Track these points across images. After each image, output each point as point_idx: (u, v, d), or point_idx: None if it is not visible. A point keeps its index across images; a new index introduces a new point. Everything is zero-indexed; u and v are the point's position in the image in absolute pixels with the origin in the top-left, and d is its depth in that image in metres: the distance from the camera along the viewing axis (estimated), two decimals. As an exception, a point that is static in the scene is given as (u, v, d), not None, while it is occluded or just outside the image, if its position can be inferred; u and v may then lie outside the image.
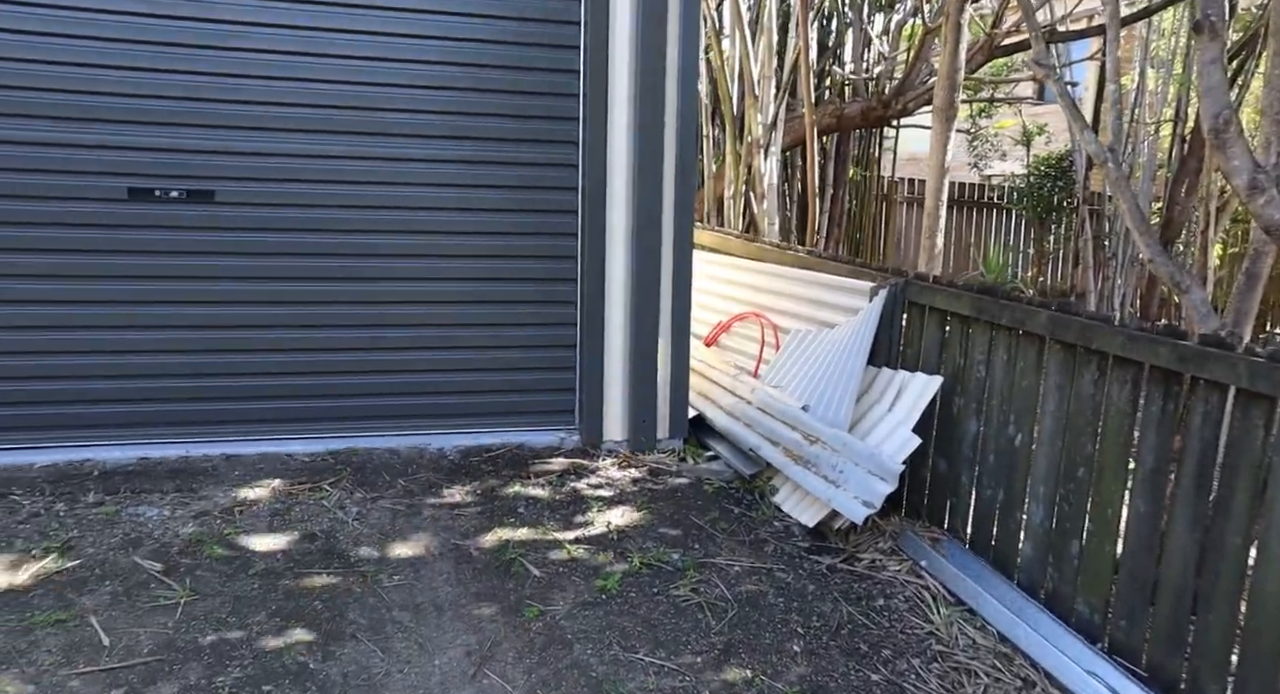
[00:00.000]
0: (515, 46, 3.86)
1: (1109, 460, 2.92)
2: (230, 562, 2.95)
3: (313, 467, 3.71)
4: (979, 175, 13.06)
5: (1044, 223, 11.35)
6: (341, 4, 3.65)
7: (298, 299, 3.82)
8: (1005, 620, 3.04)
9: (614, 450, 4.12)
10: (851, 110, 8.67)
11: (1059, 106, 5.31)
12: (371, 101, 3.76)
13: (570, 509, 3.55)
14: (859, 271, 4.24)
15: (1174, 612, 2.69)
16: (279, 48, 3.62)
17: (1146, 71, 9.69)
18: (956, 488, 3.59)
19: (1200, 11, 3.46)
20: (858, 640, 2.88)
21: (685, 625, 2.85)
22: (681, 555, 3.26)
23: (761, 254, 5.29)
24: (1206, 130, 3.46)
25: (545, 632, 2.76)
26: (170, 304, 3.68)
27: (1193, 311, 3.74)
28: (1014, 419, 3.32)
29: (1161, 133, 9.87)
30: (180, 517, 3.20)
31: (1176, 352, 2.67)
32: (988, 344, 3.44)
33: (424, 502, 3.52)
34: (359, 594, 2.86)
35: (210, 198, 3.64)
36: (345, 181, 3.79)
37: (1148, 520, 2.80)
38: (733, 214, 7.69)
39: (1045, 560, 3.14)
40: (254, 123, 3.65)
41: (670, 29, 3.90)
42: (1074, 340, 3.03)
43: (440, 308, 3.99)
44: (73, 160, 3.49)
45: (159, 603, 2.68)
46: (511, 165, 3.96)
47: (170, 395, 3.73)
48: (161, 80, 3.52)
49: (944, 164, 5.70)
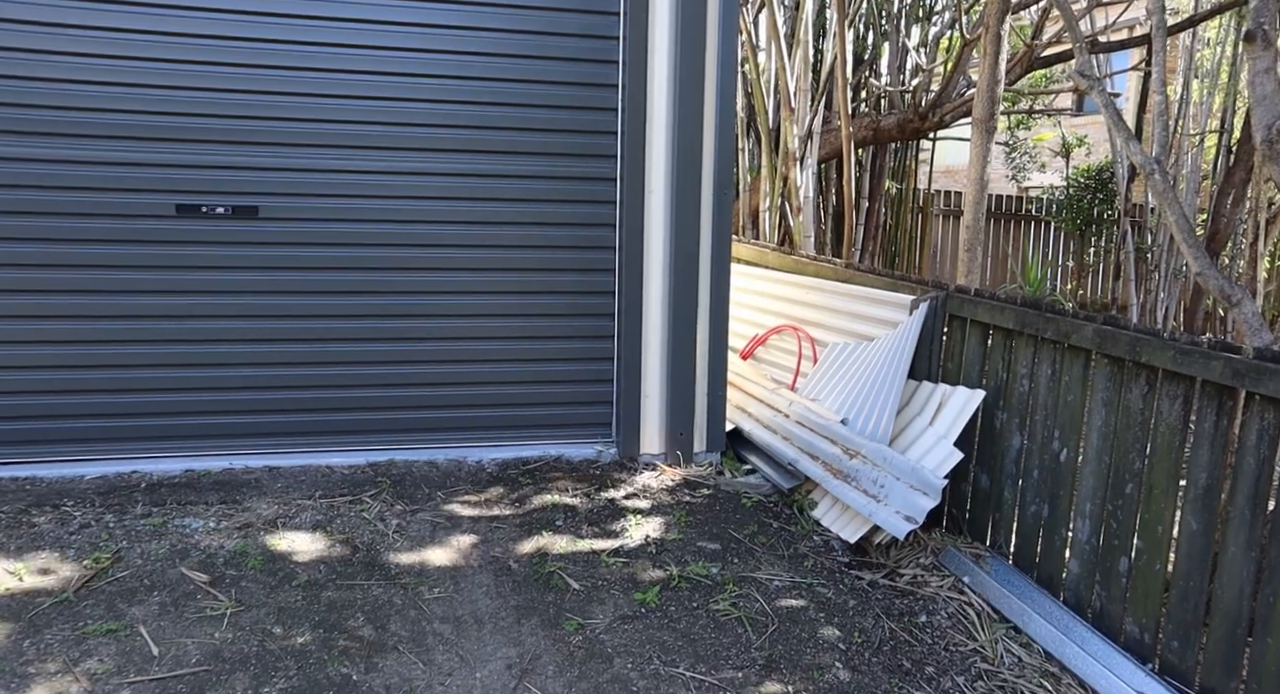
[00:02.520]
0: (553, 61, 3.90)
1: (1159, 477, 2.86)
2: (274, 573, 2.99)
3: (353, 479, 3.76)
4: (1017, 187, 12.91)
5: (1083, 235, 11.18)
6: (384, 22, 3.72)
7: (339, 313, 3.88)
8: (1052, 638, 2.97)
9: (651, 463, 4.12)
10: (888, 123, 8.62)
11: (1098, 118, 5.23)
12: (407, 117, 3.81)
13: (608, 522, 3.55)
14: (899, 284, 4.21)
15: (1229, 633, 2.62)
16: (318, 65, 3.69)
17: (1191, 82, 9.54)
18: (999, 503, 3.53)
19: (1252, 20, 3.39)
20: (900, 657, 2.84)
21: (725, 640, 2.83)
22: (720, 569, 3.25)
23: (798, 267, 5.27)
24: (1259, 141, 3.39)
25: (585, 645, 2.75)
26: (215, 318, 3.75)
27: (1243, 325, 3.64)
28: (1059, 434, 3.26)
29: (1206, 144, 9.69)
30: (225, 528, 3.25)
31: (1230, 366, 2.61)
32: (1031, 358, 3.39)
33: (463, 514, 3.54)
34: (400, 606, 2.88)
35: (255, 213, 3.72)
36: (386, 196, 3.85)
37: (1200, 539, 2.73)
38: (768, 226, 7.67)
39: (1092, 578, 3.07)
40: (297, 139, 3.72)
41: (709, 52, 3.92)
42: (1122, 354, 2.98)
43: (479, 321, 4.03)
44: (122, 178, 3.59)
45: (205, 614, 2.73)
46: (551, 179, 3.99)
47: (215, 408, 3.80)
48: (207, 99, 3.61)
49: (983, 177, 5.64)
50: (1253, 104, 3.38)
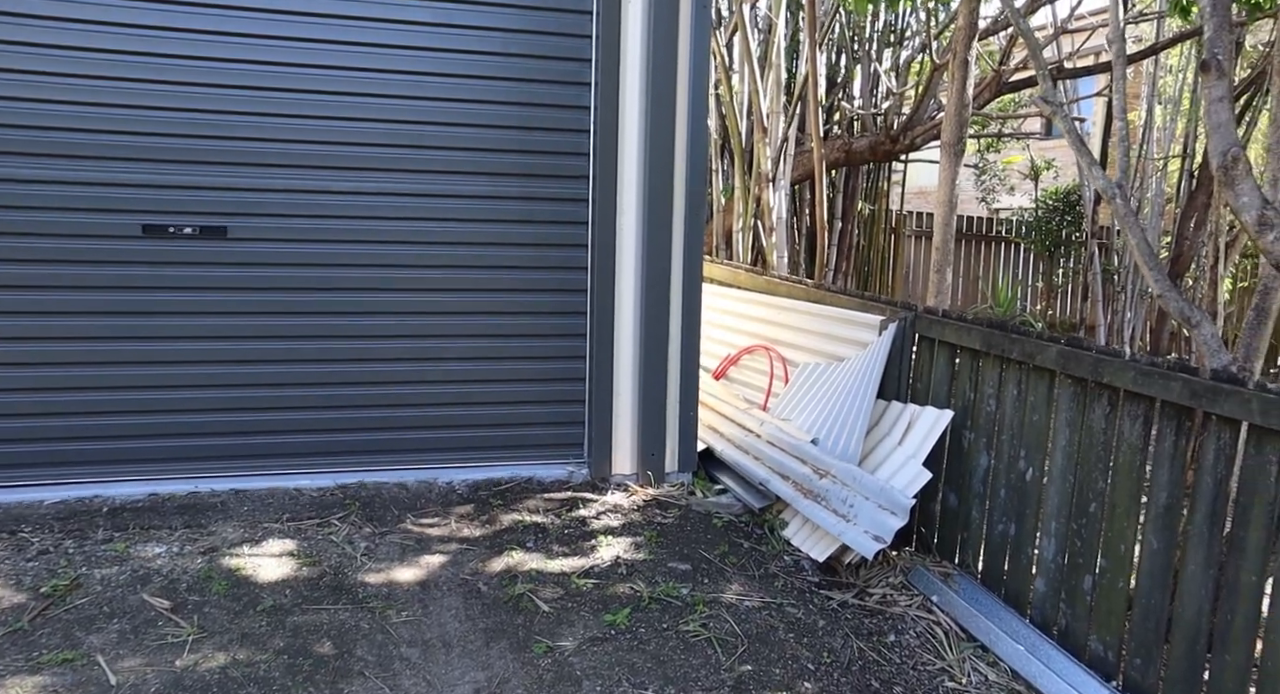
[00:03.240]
0: (525, 82, 3.93)
1: (1121, 496, 2.90)
2: (238, 598, 2.94)
3: (321, 501, 3.72)
4: (987, 210, 13.12)
5: (1052, 256, 11.38)
6: (351, 43, 3.73)
7: (309, 333, 3.85)
8: (1018, 657, 3.00)
9: (623, 484, 4.11)
10: (860, 145, 8.75)
11: (1066, 142, 5.36)
12: (376, 138, 3.81)
13: (579, 543, 3.53)
14: (868, 305, 4.26)
15: (1189, 650, 2.65)
16: (287, 86, 3.68)
17: (1154, 108, 9.77)
18: (968, 522, 3.56)
19: (1207, 50, 3.49)
20: (869, 677, 2.84)
21: (695, 661, 2.82)
22: (691, 590, 3.24)
23: (770, 287, 5.31)
24: (1215, 167, 3.47)
25: (554, 668, 2.73)
26: (182, 339, 3.71)
27: (1203, 346, 3.72)
28: (1025, 453, 3.30)
29: (1169, 168, 9.91)
30: (189, 553, 3.20)
31: (1189, 387, 2.66)
32: (998, 378, 3.44)
33: (432, 536, 3.51)
34: (367, 630, 2.85)
35: (223, 234, 3.69)
36: (355, 216, 3.84)
37: (1161, 557, 2.77)
38: (741, 247, 7.73)
39: (1058, 596, 3.10)
40: (265, 159, 3.71)
41: (681, 74, 3.97)
42: (1085, 375, 3.03)
43: (450, 341, 4.01)
44: (87, 198, 3.55)
45: (167, 641, 2.68)
46: (521, 199, 4.00)
47: (180, 431, 3.75)
48: (174, 118, 3.58)
49: (952, 199, 5.72)
50: (1209, 131, 3.47)
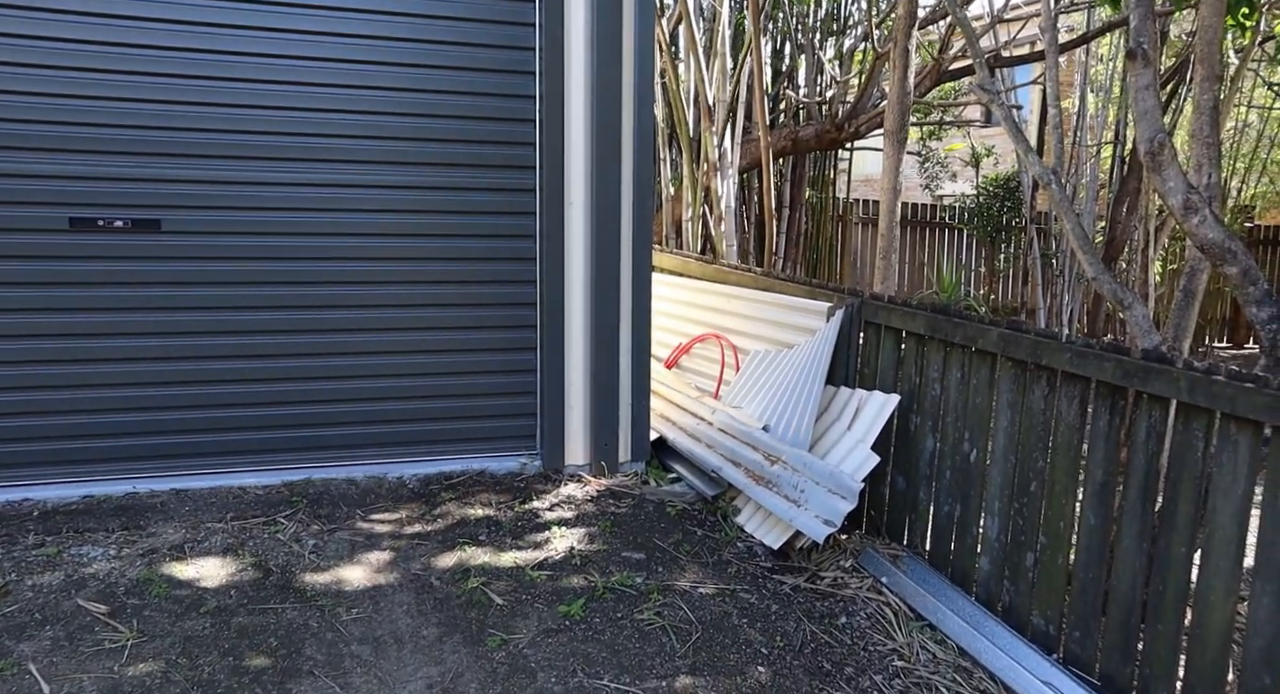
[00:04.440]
0: (469, 72, 3.87)
1: (1059, 474, 2.99)
2: (180, 601, 2.87)
3: (267, 499, 3.64)
4: (931, 196, 13.36)
5: (994, 242, 11.64)
6: (290, 30, 3.63)
7: (249, 329, 3.75)
8: (965, 634, 3.07)
9: (576, 475, 4.10)
10: (806, 133, 8.82)
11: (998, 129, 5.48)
12: (320, 128, 3.73)
13: (532, 535, 3.52)
14: (816, 292, 4.30)
15: (1124, 622, 2.75)
16: (223, 74, 3.58)
17: (1087, 96, 10.04)
18: (915, 504, 3.64)
19: (1133, 39, 3.59)
20: (821, 659, 2.89)
21: (650, 649, 2.83)
22: (645, 579, 3.25)
23: (720, 275, 5.34)
24: (1142, 154, 3.58)
25: (508, 661, 2.72)
26: (115, 336, 3.59)
27: (1135, 327, 3.84)
28: (969, 435, 3.38)
29: (1103, 154, 10.21)
30: (127, 556, 3.10)
31: (1121, 367, 2.75)
32: (942, 362, 3.51)
33: (383, 532, 3.46)
34: (316, 629, 2.80)
35: (156, 227, 3.58)
36: (295, 209, 3.75)
37: (1098, 533, 2.87)
38: (691, 236, 7.75)
39: (1002, 574, 3.19)
40: (200, 150, 3.60)
41: (626, 63, 3.95)
42: (1024, 357, 3.11)
43: (396, 335, 3.95)
44: (11, 190, 3.41)
45: (104, 646, 2.60)
46: (467, 190, 3.95)
47: (115, 430, 3.63)
48: (103, 107, 3.46)
49: (896, 186, 5.81)
50: (1136, 118, 3.57)
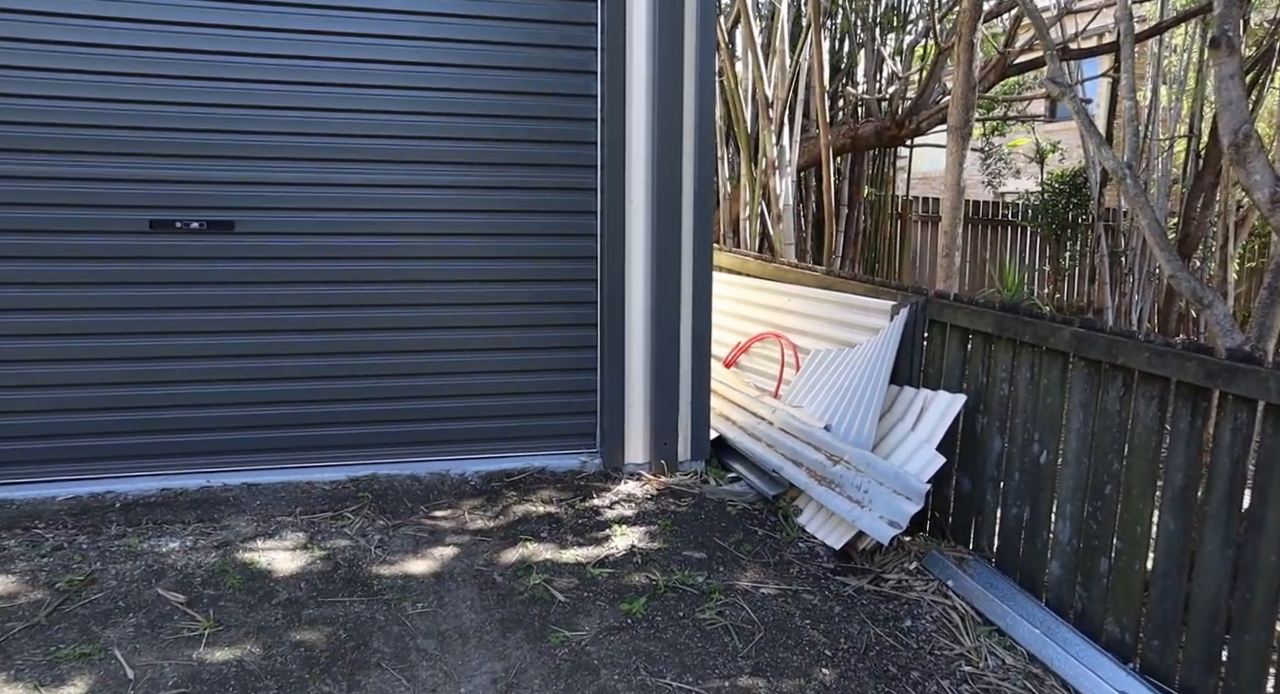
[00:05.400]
0: (532, 72, 3.91)
1: (1136, 477, 2.89)
2: (253, 592, 2.95)
3: (334, 494, 3.72)
4: (993, 193, 13.04)
5: (1059, 239, 11.31)
6: (357, 35, 3.71)
7: (318, 327, 3.85)
8: (1034, 640, 2.99)
9: (636, 473, 4.11)
10: (865, 130, 8.69)
11: (1071, 124, 5.31)
12: (387, 130, 3.80)
13: (593, 532, 3.53)
14: (879, 290, 4.24)
15: (1207, 631, 2.64)
16: (294, 79, 3.67)
17: (1159, 88, 9.69)
18: (981, 507, 3.55)
19: (1217, 27, 3.45)
20: (886, 662, 2.84)
21: (712, 649, 2.82)
22: (706, 578, 3.24)
23: (779, 274, 5.29)
24: (1226, 145, 3.45)
25: (571, 658, 2.73)
26: (191, 335, 3.71)
27: (1215, 326, 3.70)
28: (1038, 437, 3.29)
29: (1175, 148, 9.84)
30: (202, 547, 3.20)
31: (1204, 367, 2.64)
32: (1010, 362, 3.42)
33: (446, 527, 3.51)
34: (383, 622, 2.85)
35: (230, 228, 3.69)
36: (364, 208, 3.83)
37: (1178, 538, 2.76)
38: (749, 235, 7.70)
39: (1074, 579, 3.09)
40: (272, 153, 3.70)
41: (687, 61, 3.95)
42: (1099, 357, 3.01)
43: (458, 333, 4.00)
44: (94, 194, 3.54)
45: (183, 635, 2.68)
46: (530, 189, 3.98)
47: (191, 426, 3.75)
48: (181, 113, 3.58)
49: (959, 183, 5.69)
50: (1219, 109, 3.44)
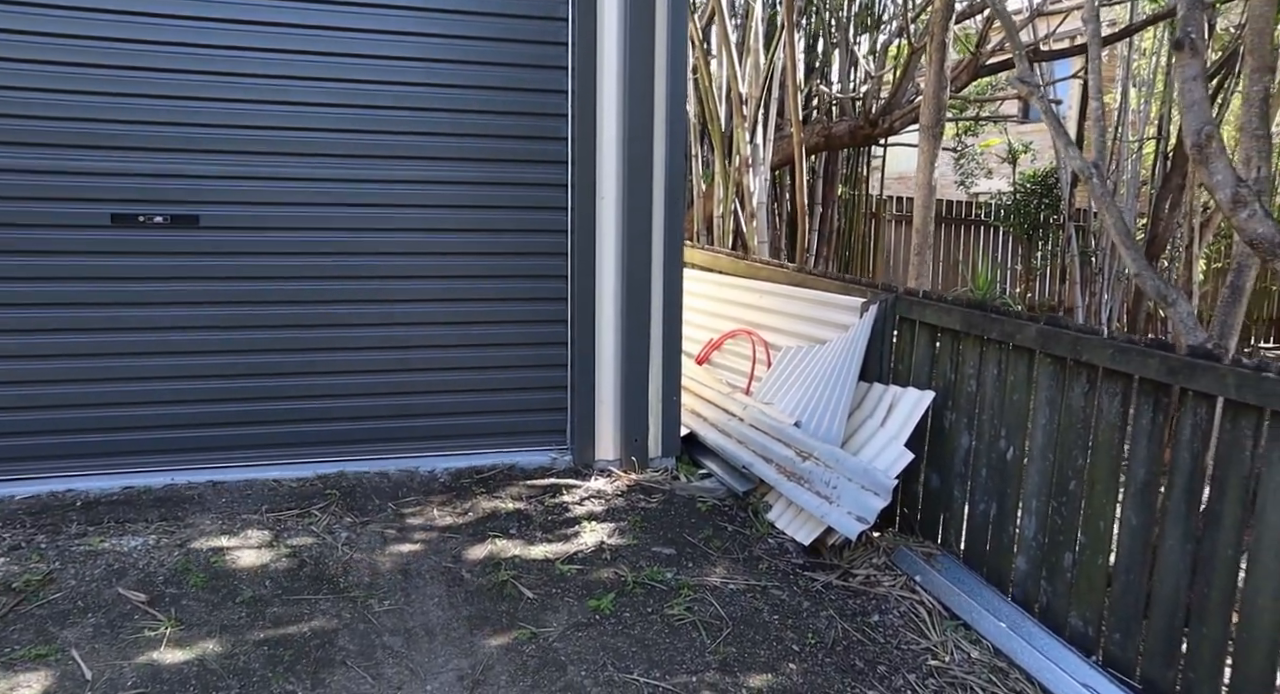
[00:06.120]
0: (502, 67, 3.89)
1: (1100, 473, 2.93)
2: (216, 590, 2.91)
3: (301, 492, 3.68)
4: (966, 193, 13.17)
5: (1030, 239, 11.44)
6: (325, 27, 3.67)
7: (285, 323, 3.80)
8: (1000, 634, 3.02)
9: (606, 469, 4.10)
10: (839, 129, 8.74)
11: (1043, 125, 5.39)
12: (359, 124, 3.76)
13: (563, 529, 3.52)
14: (849, 288, 4.26)
15: (1167, 624, 2.68)
16: (260, 72, 3.62)
17: (1129, 90, 9.83)
18: (949, 502, 3.58)
19: (1180, 30, 3.50)
20: (853, 657, 2.86)
21: (680, 645, 2.82)
22: (675, 574, 3.24)
23: (752, 271, 5.30)
24: (1189, 146, 3.49)
25: (539, 654, 2.72)
26: (154, 331, 3.65)
27: (1178, 325, 3.75)
28: (1005, 433, 3.32)
29: (1144, 150, 9.99)
30: (165, 546, 3.15)
31: (1165, 364, 2.68)
32: (978, 358, 3.45)
33: (414, 524, 3.48)
34: (349, 620, 2.82)
35: (195, 223, 3.63)
36: (329, 203, 3.78)
37: (1140, 533, 2.80)
38: (722, 232, 7.72)
39: (1039, 574, 3.13)
40: (238, 147, 3.64)
41: (659, 58, 3.95)
42: (1064, 353, 3.04)
43: (429, 329, 3.97)
44: (54, 187, 3.47)
45: (143, 635, 2.64)
46: (501, 185, 3.96)
47: (155, 423, 3.69)
48: (144, 105, 3.51)
49: (931, 182, 5.73)
50: (1182, 110, 3.48)
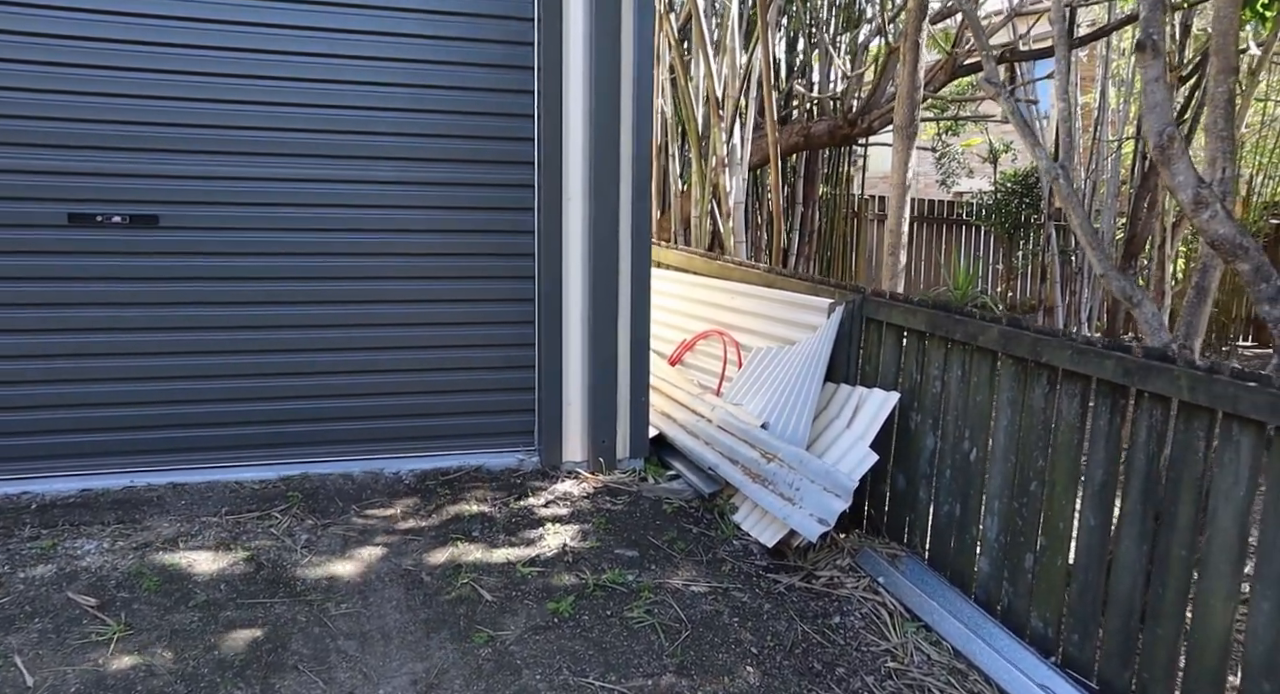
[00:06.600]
0: (466, 66, 3.86)
1: (1060, 474, 2.93)
2: (169, 594, 2.87)
3: (263, 494, 3.64)
4: (949, 193, 13.20)
5: (1012, 239, 11.48)
6: (288, 26, 3.63)
7: (249, 324, 3.76)
8: (960, 636, 3.02)
9: (574, 471, 4.08)
10: (818, 129, 8.74)
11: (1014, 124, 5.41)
12: (322, 124, 3.73)
13: (526, 531, 3.50)
14: (818, 288, 4.25)
15: (1123, 625, 2.69)
16: (221, 71, 3.58)
17: (1108, 90, 9.87)
18: (915, 504, 3.58)
19: (1142, 31, 3.51)
20: (812, 659, 2.85)
21: (638, 648, 2.81)
22: (637, 576, 3.22)
23: (724, 272, 5.29)
24: (1151, 147, 3.50)
25: (494, 658, 2.70)
26: (113, 331, 3.60)
27: (1144, 325, 3.76)
28: (969, 434, 3.32)
29: (1124, 150, 10.03)
30: (120, 549, 3.12)
31: (1121, 365, 2.69)
32: (943, 359, 3.45)
33: (376, 527, 3.46)
34: (303, 624, 2.80)
35: (154, 222, 3.59)
36: (293, 204, 3.74)
37: (1097, 534, 2.80)
38: (700, 233, 7.70)
39: (1001, 575, 3.13)
40: (200, 146, 3.60)
41: (625, 60, 3.93)
42: (1025, 355, 3.05)
43: (394, 330, 3.94)
44: (8, 185, 3.42)
45: (90, 639, 2.60)
46: (467, 186, 3.93)
47: (114, 424, 3.64)
48: (102, 104, 3.47)
49: (905, 182, 5.74)
50: (1145, 111, 3.49)
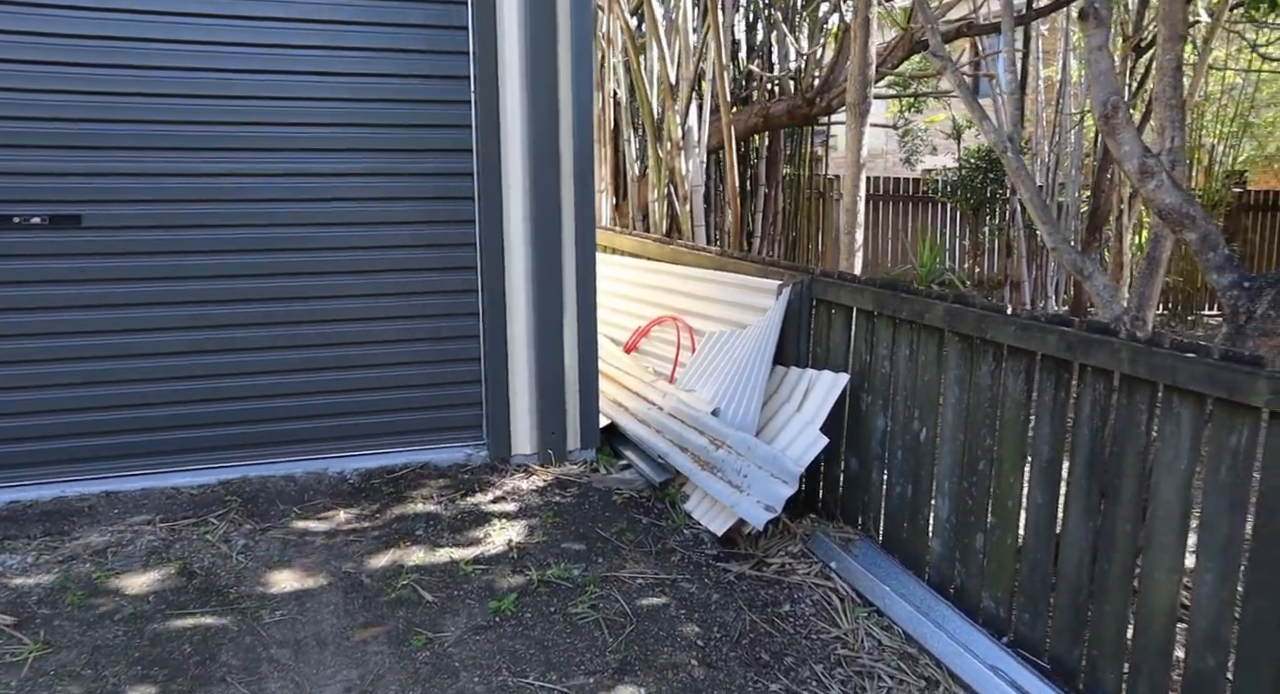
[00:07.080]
0: (399, 54, 3.74)
1: (1007, 452, 2.88)
2: (93, 608, 2.77)
3: (201, 499, 3.53)
4: (915, 171, 13.18)
5: (978, 214, 11.48)
6: (217, 14, 3.49)
7: (181, 325, 3.63)
8: (912, 619, 2.97)
9: (524, 465, 4.00)
10: (777, 109, 8.65)
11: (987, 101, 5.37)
12: (252, 116, 3.60)
13: (472, 528, 3.42)
14: (768, 270, 4.18)
15: (1072, 602, 2.65)
16: (145, 63, 3.44)
17: (1070, 62, 9.84)
18: (867, 486, 3.53)
19: (1086, 1, 3.45)
20: (759, 650, 2.79)
21: (580, 645, 2.74)
22: (584, 571, 3.15)
23: (677, 256, 5.21)
24: (1096, 117, 3.45)
25: (432, 661, 2.63)
26: (35, 337, 3.46)
27: (1095, 297, 3.72)
28: (918, 414, 3.27)
29: (1086, 122, 10.02)
30: (45, 563, 3.00)
31: (1064, 339, 2.64)
32: (891, 339, 3.40)
33: (318, 529, 3.36)
34: (235, 633, 2.70)
35: (77, 222, 3.45)
36: (224, 199, 3.62)
37: (1045, 511, 2.76)
38: (657, 217, 7.61)
39: (953, 556, 3.09)
40: (123, 143, 3.46)
41: (561, 37, 3.83)
42: (970, 332, 2.99)
43: (335, 326, 3.83)
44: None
45: (4, 660, 2.50)
46: (405, 177, 3.82)
47: (42, 433, 3.51)
48: (14, 100, 3.32)
49: (860, 160, 5.67)
50: (1090, 81, 3.44)
